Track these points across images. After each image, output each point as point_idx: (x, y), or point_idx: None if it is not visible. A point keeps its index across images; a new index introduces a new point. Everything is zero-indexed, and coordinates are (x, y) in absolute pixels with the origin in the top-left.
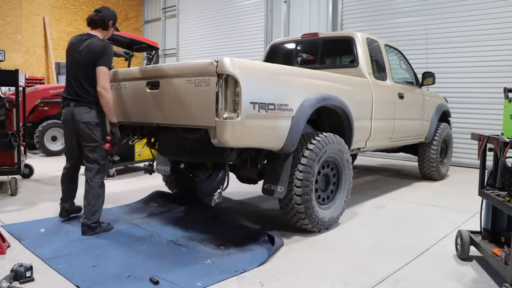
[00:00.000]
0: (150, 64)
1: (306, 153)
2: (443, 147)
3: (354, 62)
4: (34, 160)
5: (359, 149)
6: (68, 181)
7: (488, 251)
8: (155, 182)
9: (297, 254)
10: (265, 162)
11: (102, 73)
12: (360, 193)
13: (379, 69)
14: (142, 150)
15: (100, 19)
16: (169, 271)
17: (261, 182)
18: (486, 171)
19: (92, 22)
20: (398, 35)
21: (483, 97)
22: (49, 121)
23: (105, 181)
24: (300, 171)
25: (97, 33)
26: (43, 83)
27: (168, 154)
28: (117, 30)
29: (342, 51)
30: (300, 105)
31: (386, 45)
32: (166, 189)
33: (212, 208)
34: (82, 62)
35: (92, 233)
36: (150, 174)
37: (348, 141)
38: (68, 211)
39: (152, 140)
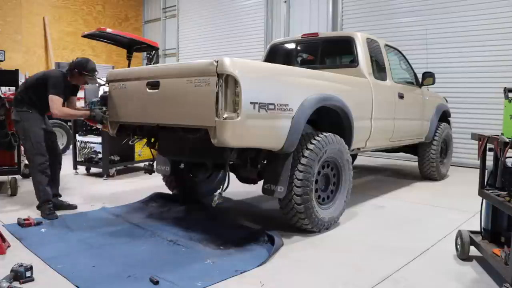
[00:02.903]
0: (150, 64)
1: (306, 153)
2: (443, 147)
3: (354, 62)
4: None
5: (359, 149)
6: None
7: (488, 251)
8: (155, 182)
9: (297, 254)
10: (265, 162)
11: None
12: (360, 193)
13: (379, 69)
14: (142, 150)
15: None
16: (169, 271)
17: (261, 182)
18: (486, 171)
19: None
20: (398, 35)
21: (483, 97)
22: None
23: (105, 181)
24: (300, 171)
25: None
26: None
27: (168, 154)
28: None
29: (342, 51)
30: (300, 105)
31: (386, 45)
32: (166, 189)
33: (212, 208)
34: None
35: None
36: (150, 174)
37: (348, 141)
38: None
39: (152, 140)
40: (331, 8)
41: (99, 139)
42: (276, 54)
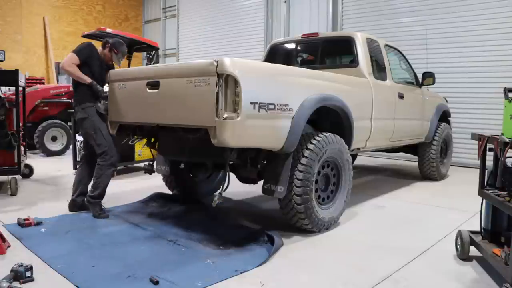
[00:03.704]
0: (150, 64)
1: (306, 153)
2: (443, 147)
3: (354, 62)
4: (34, 160)
5: (359, 149)
6: None
7: (488, 251)
8: (155, 182)
9: (297, 254)
10: (265, 162)
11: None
12: (360, 193)
13: (379, 69)
14: (142, 150)
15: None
16: (169, 271)
17: (261, 182)
18: (486, 171)
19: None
20: (398, 35)
21: (483, 97)
22: (49, 121)
23: None
24: (300, 171)
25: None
26: (43, 83)
27: (168, 154)
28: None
29: (342, 51)
30: (300, 105)
31: (386, 45)
32: (166, 189)
33: (212, 208)
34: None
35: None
36: (150, 174)
37: (348, 141)
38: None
39: (152, 140)
40: (331, 8)
41: None
42: (276, 54)
